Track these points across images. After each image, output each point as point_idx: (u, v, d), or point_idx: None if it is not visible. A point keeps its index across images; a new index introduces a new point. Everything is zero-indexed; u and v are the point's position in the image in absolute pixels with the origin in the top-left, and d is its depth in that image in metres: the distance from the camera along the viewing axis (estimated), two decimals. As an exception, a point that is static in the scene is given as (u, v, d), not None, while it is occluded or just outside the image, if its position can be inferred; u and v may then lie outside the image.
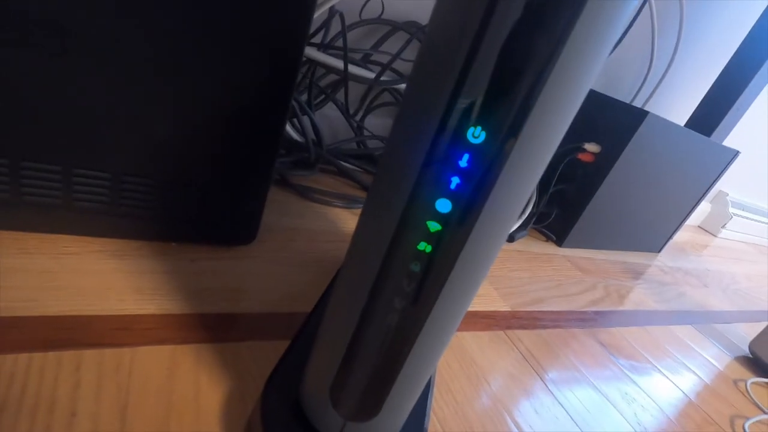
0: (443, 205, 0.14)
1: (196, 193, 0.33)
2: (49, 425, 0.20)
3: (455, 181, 0.13)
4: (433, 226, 0.14)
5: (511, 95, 0.12)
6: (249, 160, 0.33)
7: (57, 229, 0.31)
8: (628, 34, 0.78)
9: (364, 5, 0.60)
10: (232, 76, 0.29)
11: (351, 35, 0.62)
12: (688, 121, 0.87)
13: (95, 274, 0.30)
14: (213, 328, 0.29)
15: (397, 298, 0.16)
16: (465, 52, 0.12)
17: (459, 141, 0.13)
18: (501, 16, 0.11)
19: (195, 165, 0.32)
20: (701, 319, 0.66)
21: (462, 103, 0.12)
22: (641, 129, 0.61)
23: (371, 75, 0.59)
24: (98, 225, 0.32)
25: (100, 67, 0.26)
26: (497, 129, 0.12)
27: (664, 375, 0.46)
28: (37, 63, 0.25)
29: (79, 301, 0.27)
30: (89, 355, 0.24)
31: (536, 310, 0.48)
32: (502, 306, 0.46)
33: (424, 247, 0.15)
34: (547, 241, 0.72)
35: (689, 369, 0.49)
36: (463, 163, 0.13)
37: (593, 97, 0.68)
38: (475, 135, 0.13)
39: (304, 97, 0.61)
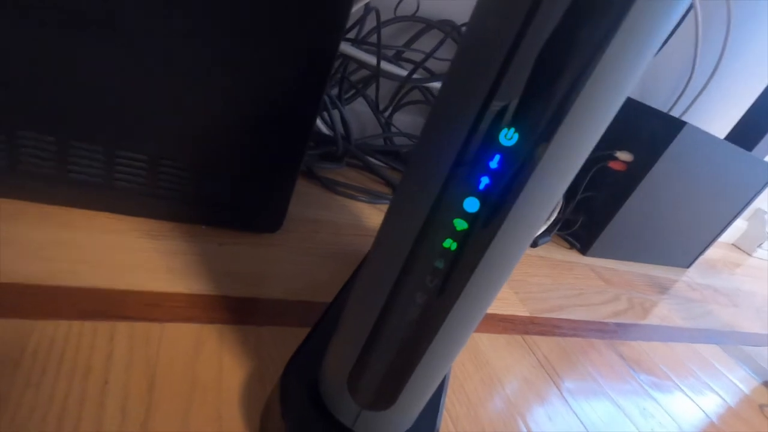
0: (471, 204, 0.14)
1: (227, 179, 0.34)
2: (84, 390, 0.22)
3: (485, 181, 0.13)
4: (460, 224, 0.14)
5: (545, 100, 0.12)
6: (279, 151, 0.34)
7: (98, 206, 0.33)
8: (669, 41, 0.76)
9: (399, 2, 0.61)
10: (269, 69, 0.30)
11: (385, 32, 0.62)
12: (729, 133, 0.84)
13: (131, 252, 0.31)
14: (237, 310, 0.30)
15: (419, 293, 0.16)
16: (503, 55, 0.12)
17: (491, 142, 0.13)
18: (540, 21, 0.11)
19: (228, 153, 0.33)
20: (729, 339, 0.63)
21: (496, 105, 0.13)
22: (677, 140, 0.59)
23: (403, 72, 0.60)
24: (135, 205, 0.33)
25: (145, 57, 0.27)
26: (530, 132, 0.13)
27: (686, 394, 0.45)
28: (86, 51, 0.26)
29: (115, 275, 0.29)
30: (122, 327, 0.26)
31: (555, 317, 0.48)
32: (521, 310, 0.46)
33: (449, 244, 0.15)
34: (570, 248, 0.71)
35: (712, 390, 0.48)
36: (494, 164, 0.13)
37: (628, 104, 0.66)
38: (508, 137, 0.13)
39: (335, 92, 0.61)
